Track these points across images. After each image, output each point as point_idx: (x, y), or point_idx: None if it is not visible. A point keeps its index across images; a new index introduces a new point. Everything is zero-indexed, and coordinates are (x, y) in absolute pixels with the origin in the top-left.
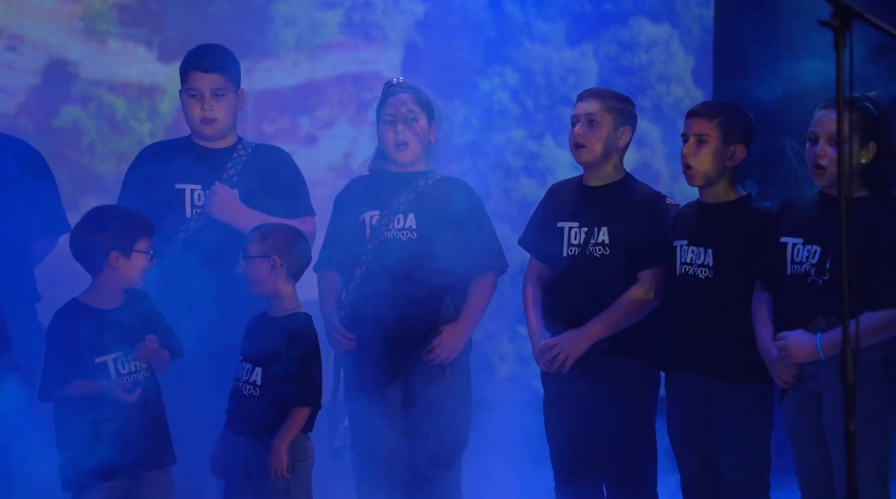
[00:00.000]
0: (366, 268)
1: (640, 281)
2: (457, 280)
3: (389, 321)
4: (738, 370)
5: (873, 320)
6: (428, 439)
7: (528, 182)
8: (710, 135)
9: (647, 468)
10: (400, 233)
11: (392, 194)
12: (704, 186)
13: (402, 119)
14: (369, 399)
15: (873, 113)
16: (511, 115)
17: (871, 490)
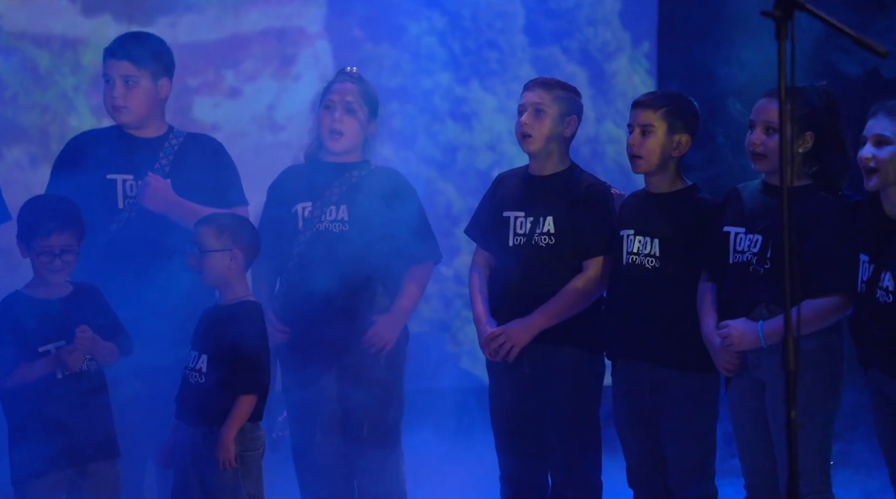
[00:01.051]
0: (298, 260)
1: (585, 270)
2: (390, 271)
3: (322, 313)
4: (685, 359)
5: (814, 308)
6: (361, 428)
7: (455, 126)
8: (655, 125)
9: (591, 456)
10: (332, 225)
11: (325, 186)
12: (650, 176)
13: (342, 107)
14: (305, 390)
15: (814, 103)
16: (438, 59)
17: (813, 476)
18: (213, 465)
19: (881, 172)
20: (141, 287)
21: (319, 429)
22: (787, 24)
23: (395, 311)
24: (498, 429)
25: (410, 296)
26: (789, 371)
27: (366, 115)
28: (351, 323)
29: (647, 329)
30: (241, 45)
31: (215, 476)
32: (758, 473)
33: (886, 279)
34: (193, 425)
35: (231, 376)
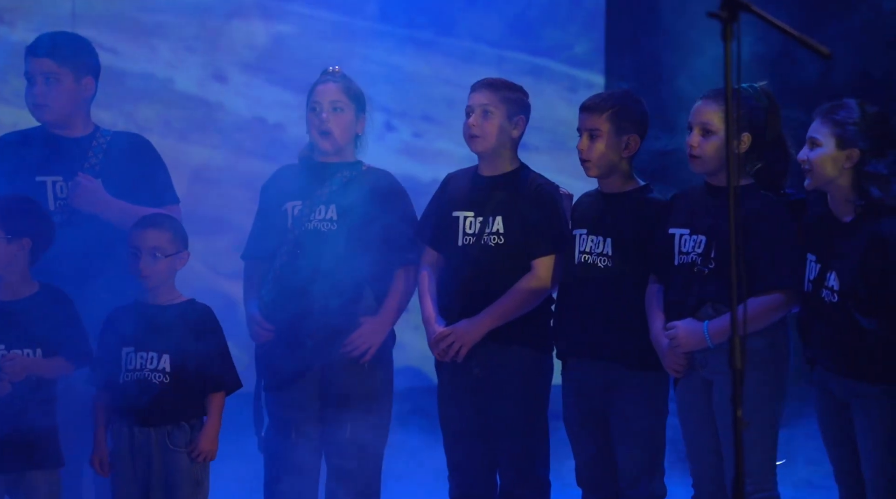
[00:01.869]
0: (285, 259)
1: (534, 269)
2: (378, 272)
3: (307, 313)
4: (638, 358)
5: (758, 305)
6: (344, 431)
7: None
8: (602, 129)
9: (539, 455)
10: (320, 224)
11: (315, 185)
12: (602, 177)
13: (327, 108)
14: (285, 391)
15: (752, 103)
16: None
17: (759, 474)
18: (183, 461)
19: (814, 172)
20: (76, 289)
21: (295, 429)
22: (732, 26)
23: (382, 313)
24: (446, 428)
25: (398, 299)
26: (735, 370)
27: (353, 112)
28: (337, 323)
29: (599, 328)
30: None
31: (186, 473)
32: (705, 471)
33: (832, 279)
34: (157, 425)
35: (203, 373)
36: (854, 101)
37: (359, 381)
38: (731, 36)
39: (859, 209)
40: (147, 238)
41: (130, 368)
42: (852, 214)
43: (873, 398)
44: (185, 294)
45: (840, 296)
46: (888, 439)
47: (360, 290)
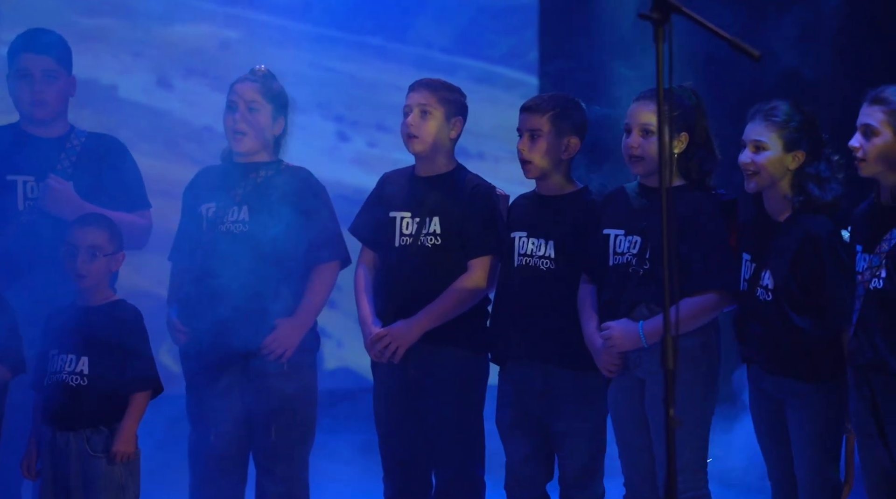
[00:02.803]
0: (200, 261)
1: (470, 270)
2: (293, 272)
3: (223, 314)
4: (578, 359)
5: (692, 306)
6: (269, 434)
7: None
8: (543, 129)
9: (474, 456)
10: (233, 226)
11: (230, 186)
12: (541, 179)
13: (243, 108)
14: (205, 392)
15: (685, 103)
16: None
17: (691, 473)
18: (102, 466)
19: (760, 175)
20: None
21: (215, 432)
22: (664, 27)
23: (298, 314)
24: (382, 429)
25: (315, 298)
26: (668, 370)
27: (269, 113)
28: (253, 325)
29: (541, 330)
30: None
31: (106, 476)
32: (637, 470)
33: (766, 277)
34: (76, 428)
35: (124, 374)
36: (788, 103)
37: (280, 383)
38: (663, 37)
39: (796, 206)
40: (86, 236)
41: (52, 371)
42: (788, 212)
43: (807, 397)
44: (145, 310)
45: (774, 294)
46: (822, 437)
47: (277, 290)
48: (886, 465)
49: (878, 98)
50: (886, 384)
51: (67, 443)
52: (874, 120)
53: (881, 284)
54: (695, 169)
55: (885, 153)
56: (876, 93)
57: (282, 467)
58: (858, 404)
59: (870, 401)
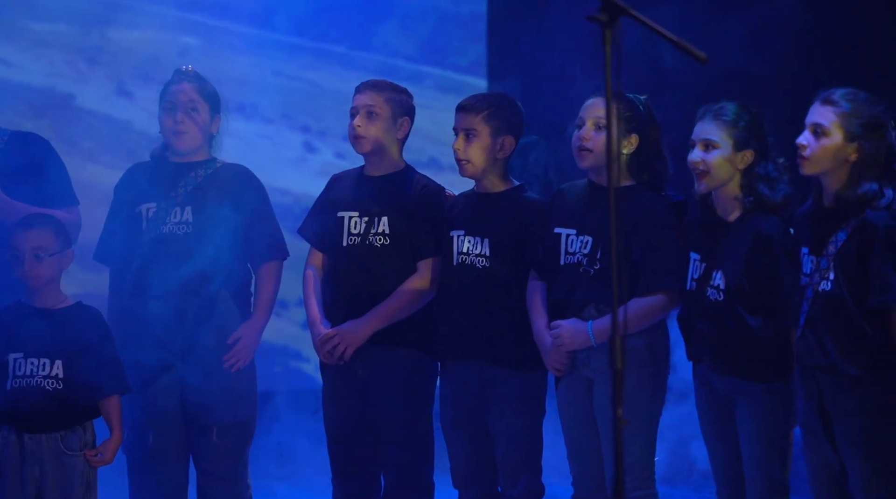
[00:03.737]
0: (140, 262)
1: (420, 271)
2: (235, 272)
3: (165, 315)
4: (515, 357)
5: (641, 306)
6: (210, 435)
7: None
8: (478, 129)
9: (423, 457)
10: (176, 227)
11: (170, 186)
12: (477, 178)
13: (181, 108)
14: (144, 393)
15: (638, 107)
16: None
17: (638, 472)
18: (78, 465)
19: (710, 174)
20: None
21: (155, 434)
22: (612, 29)
23: (255, 317)
24: (331, 430)
25: (267, 298)
26: (616, 369)
27: (207, 112)
28: (196, 325)
29: (477, 328)
30: None
31: (80, 476)
32: (585, 470)
33: (717, 278)
34: (49, 430)
35: (98, 377)
36: (736, 103)
37: (223, 384)
38: (611, 39)
39: (747, 207)
40: (29, 239)
41: (20, 375)
42: (738, 212)
43: (756, 395)
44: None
45: (726, 294)
46: (769, 435)
47: (219, 291)
48: (833, 464)
49: (829, 99)
50: (834, 385)
51: (39, 444)
52: (826, 120)
53: (829, 287)
54: (645, 171)
55: (833, 155)
56: (827, 94)
57: (224, 469)
58: (806, 404)
59: (817, 401)
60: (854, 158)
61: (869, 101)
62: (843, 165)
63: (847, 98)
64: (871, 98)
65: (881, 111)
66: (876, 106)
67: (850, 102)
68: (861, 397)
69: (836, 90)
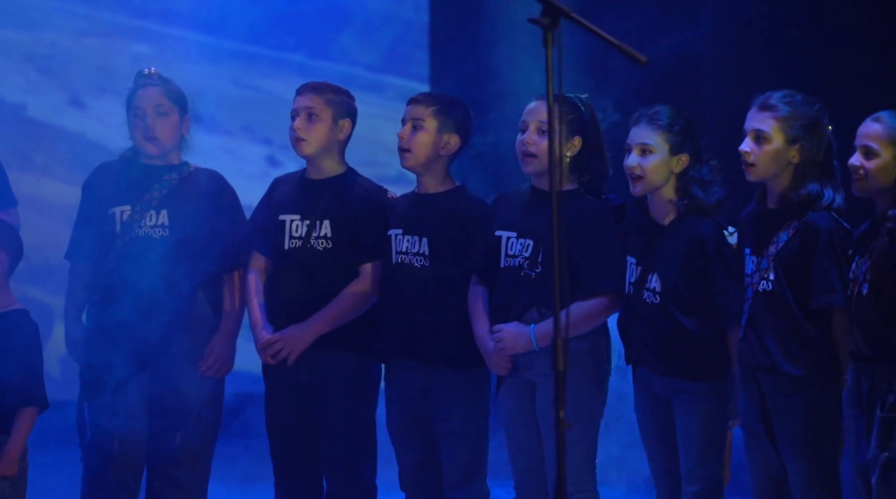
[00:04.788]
0: (114, 265)
1: (363, 274)
2: (211, 276)
3: (138, 318)
4: (457, 358)
5: (583, 310)
6: (174, 439)
7: None
8: (426, 121)
9: (366, 461)
10: (152, 230)
11: (144, 189)
12: (420, 175)
13: (151, 113)
14: (111, 396)
15: (580, 110)
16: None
17: (580, 474)
18: None
19: (646, 179)
20: None
21: (121, 439)
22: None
23: (224, 327)
24: (273, 434)
25: (236, 308)
26: (558, 372)
27: (177, 114)
28: (170, 330)
29: (418, 329)
30: None
31: None
32: (527, 472)
33: (653, 280)
34: None
35: (12, 387)
36: (670, 107)
37: (191, 389)
38: (552, 42)
39: (681, 210)
40: None
41: None
42: (673, 216)
43: (694, 395)
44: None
45: (661, 297)
46: (706, 435)
47: (194, 295)
48: (773, 464)
49: (766, 104)
50: (776, 385)
51: None
52: (766, 126)
53: (770, 287)
54: (587, 174)
55: (777, 159)
56: (764, 99)
57: (184, 474)
58: (747, 404)
59: (758, 401)
60: (797, 160)
61: (806, 102)
62: (786, 167)
63: (784, 101)
64: (808, 99)
65: (817, 111)
66: (813, 106)
67: (788, 105)
68: (802, 397)
69: (773, 94)
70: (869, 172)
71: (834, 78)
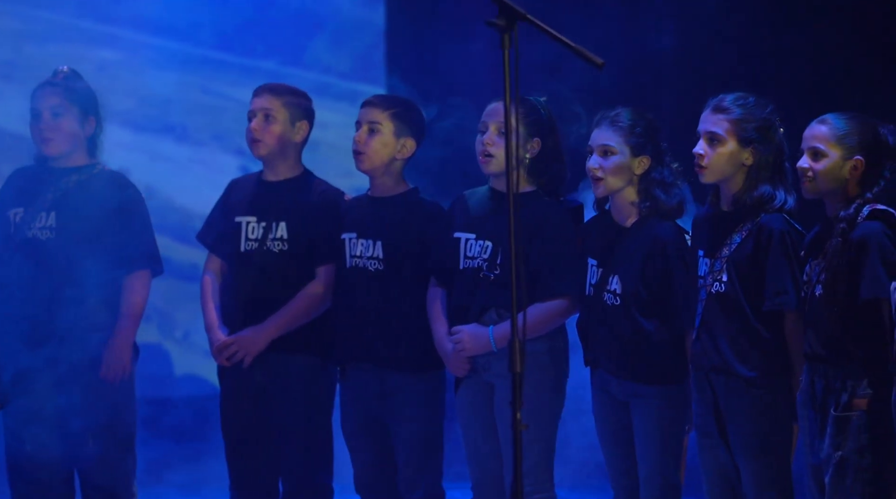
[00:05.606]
0: (8, 267)
1: (318, 277)
2: (106, 279)
3: (33, 323)
4: (412, 361)
5: (541, 311)
6: (87, 442)
7: None
8: (383, 124)
9: (322, 463)
10: (39, 232)
11: (40, 190)
12: (374, 178)
13: (46, 114)
14: (19, 400)
15: (539, 111)
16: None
17: (537, 475)
18: None
19: (607, 180)
20: None
21: (31, 443)
22: (510, 34)
23: (118, 332)
24: (229, 437)
25: (131, 310)
26: (515, 373)
27: (76, 115)
28: (63, 333)
29: (373, 332)
30: None
31: None
32: (484, 474)
33: (614, 282)
34: None
35: None
36: (631, 109)
37: (97, 395)
38: (509, 44)
39: (643, 212)
40: None
41: None
42: (635, 218)
43: (652, 398)
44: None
45: (622, 299)
46: (664, 438)
47: (83, 299)
48: (726, 465)
49: (720, 107)
50: (728, 386)
51: None
52: (720, 128)
53: (723, 288)
54: (546, 176)
55: (730, 161)
56: (717, 101)
57: (106, 478)
58: (700, 406)
59: (712, 402)
60: (750, 162)
61: (758, 105)
62: (740, 169)
63: (738, 104)
64: (760, 101)
65: (770, 113)
66: (765, 109)
67: (741, 108)
68: (754, 398)
69: (726, 97)
70: (817, 174)
71: (787, 80)
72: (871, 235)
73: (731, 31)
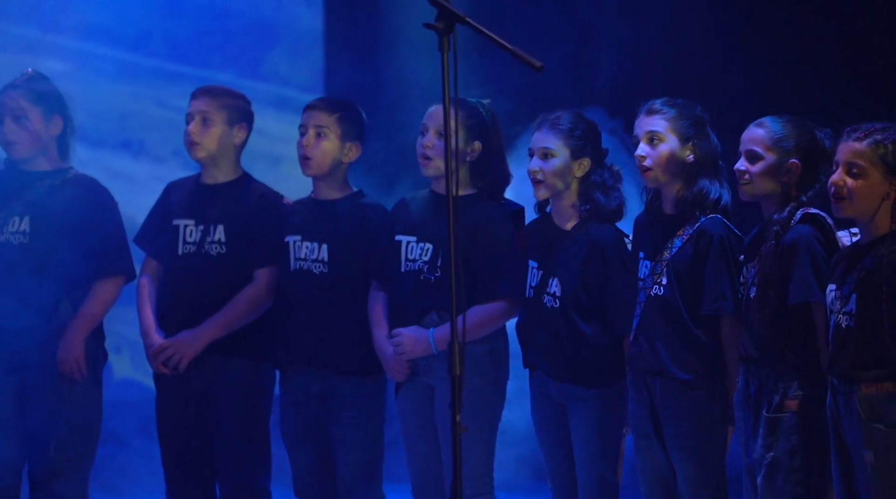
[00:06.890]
0: None
1: (257, 280)
2: (76, 284)
3: (3, 327)
4: (354, 364)
5: (481, 313)
6: (48, 448)
7: None
8: (329, 129)
9: (260, 467)
10: (12, 236)
11: (11, 195)
12: (319, 181)
13: (8, 118)
14: None
15: (481, 114)
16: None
17: (478, 477)
18: None
19: (547, 183)
20: None
21: None
22: (448, 37)
23: (69, 330)
24: (165, 440)
25: (89, 313)
26: (455, 376)
27: (39, 116)
28: (34, 337)
29: (316, 335)
30: None
31: None
32: (424, 476)
33: (553, 285)
34: None
35: None
36: (571, 112)
37: (61, 398)
38: (448, 47)
39: (583, 214)
40: None
41: None
42: (575, 221)
43: (590, 401)
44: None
45: (561, 301)
46: (601, 440)
47: (56, 304)
48: (662, 466)
49: (652, 109)
50: (665, 388)
51: None
52: (658, 127)
53: (662, 291)
54: (486, 179)
55: (673, 158)
56: (648, 105)
57: (61, 484)
58: (637, 408)
59: (648, 404)
60: (691, 159)
61: (687, 104)
62: (682, 167)
63: (669, 104)
64: (687, 102)
65: (700, 111)
66: (695, 107)
67: (674, 107)
68: (689, 400)
69: (656, 101)
70: (754, 177)
71: (722, 87)
72: (801, 238)
73: (678, 39)
